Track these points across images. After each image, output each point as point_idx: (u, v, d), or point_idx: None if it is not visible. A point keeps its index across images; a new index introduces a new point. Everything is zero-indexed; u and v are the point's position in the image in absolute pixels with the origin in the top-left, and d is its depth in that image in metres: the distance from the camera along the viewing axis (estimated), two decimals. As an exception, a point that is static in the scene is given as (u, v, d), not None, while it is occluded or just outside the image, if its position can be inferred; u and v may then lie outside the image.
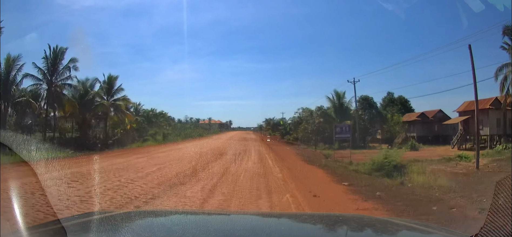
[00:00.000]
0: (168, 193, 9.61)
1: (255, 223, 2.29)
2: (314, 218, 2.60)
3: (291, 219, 2.69)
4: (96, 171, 13.20)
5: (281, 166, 17.07)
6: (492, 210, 1.29)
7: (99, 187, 9.86)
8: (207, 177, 12.44)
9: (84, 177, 11.13)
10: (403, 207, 8.69)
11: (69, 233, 1.63)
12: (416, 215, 7.77)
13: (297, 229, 2.16)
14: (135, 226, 2.03)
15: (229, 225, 2.21)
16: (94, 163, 15.68)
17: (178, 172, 13.21)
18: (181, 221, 2.33)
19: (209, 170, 14.49)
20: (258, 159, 20.20)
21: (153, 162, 16.76)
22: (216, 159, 18.96)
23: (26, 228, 1.72)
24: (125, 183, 10.77)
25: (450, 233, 1.84)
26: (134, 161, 17.23)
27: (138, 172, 13.24)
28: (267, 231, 2.06)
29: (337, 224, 2.30)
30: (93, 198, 8.68)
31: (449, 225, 6.47)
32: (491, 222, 1.28)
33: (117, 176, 11.93)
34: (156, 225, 2.15)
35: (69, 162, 14.84)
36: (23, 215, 2.00)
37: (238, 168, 15.64)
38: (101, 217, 2.16)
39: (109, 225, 1.92)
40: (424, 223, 2.34)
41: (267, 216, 3.14)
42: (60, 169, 11.30)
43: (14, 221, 1.85)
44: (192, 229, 2.02)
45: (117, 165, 14.87)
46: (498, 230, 1.25)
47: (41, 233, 1.74)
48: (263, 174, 13.81)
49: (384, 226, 2.17)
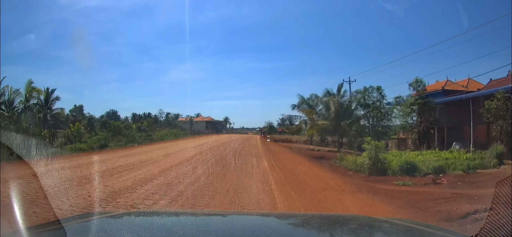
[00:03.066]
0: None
1: (255, 223, 2.29)
2: (314, 219, 2.60)
3: (291, 219, 2.69)
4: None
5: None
6: (492, 210, 1.30)
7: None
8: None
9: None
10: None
11: (69, 233, 1.63)
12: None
13: (297, 229, 2.16)
14: (135, 226, 2.03)
15: (229, 225, 2.21)
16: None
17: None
18: (181, 221, 2.34)
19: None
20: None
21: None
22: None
23: (26, 228, 1.72)
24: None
25: (450, 233, 1.85)
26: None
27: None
28: (267, 232, 2.06)
29: (337, 224, 2.30)
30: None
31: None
32: (491, 222, 1.28)
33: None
34: (156, 225, 2.15)
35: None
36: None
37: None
38: (101, 217, 2.17)
39: (109, 225, 1.93)
40: (424, 223, 2.34)
41: (267, 216, 3.14)
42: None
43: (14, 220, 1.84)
44: (192, 229, 2.02)
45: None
46: (498, 230, 1.25)
47: (41, 233, 1.75)
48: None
49: (384, 226, 2.17)
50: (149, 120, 42.04)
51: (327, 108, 25.23)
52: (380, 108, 24.41)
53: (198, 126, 46.50)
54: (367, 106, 24.67)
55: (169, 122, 44.29)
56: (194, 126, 46.46)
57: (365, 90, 24.88)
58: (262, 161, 17.60)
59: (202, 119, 47.43)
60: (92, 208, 7.39)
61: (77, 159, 16.46)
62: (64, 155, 19.78)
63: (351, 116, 24.54)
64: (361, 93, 24.92)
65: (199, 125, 46.78)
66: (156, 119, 43.23)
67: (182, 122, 45.59)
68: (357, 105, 25.28)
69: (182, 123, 45.47)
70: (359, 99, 24.79)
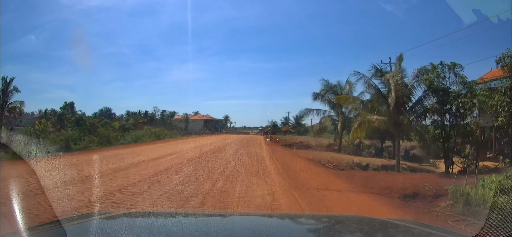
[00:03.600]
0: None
1: (255, 223, 2.30)
2: (314, 219, 2.62)
3: (291, 220, 2.70)
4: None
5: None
6: (492, 210, 1.31)
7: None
8: None
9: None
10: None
11: (69, 233, 1.63)
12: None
13: (297, 230, 2.17)
14: (135, 227, 2.03)
15: (229, 226, 2.22)
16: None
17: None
18: (181, 221, 2.34)
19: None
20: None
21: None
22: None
23: (26, 228, 1.71)
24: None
25: (450, 233, 1.87)
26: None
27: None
28: (267, 232, 2.06)
29: (337, 224, 2.32)
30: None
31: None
32: (491, 222, 1.30)
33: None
34: (156, 225, 2.15)
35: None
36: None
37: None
38: (101, 217, 2.16)
39: (109, 226, 1.93)
40: (424, 224, 2.37)
41: (267, 216, 3.15)
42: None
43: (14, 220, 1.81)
44: (192, 229, 2.02)
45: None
46: (498, 230, 1.27)
47: (41, 233, 1.74)
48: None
49: (384, 227, 2.18)
50: (136, 118, 39.61)
51: (379, 95, 16.74)
52: (468, 96, 14.32)
53: (195, 125, 43.58)
54: (445, 93, 14.97)
55: (164, 120, 42.32)
56: (191, 125, 43.69)
57: (434, 68, 15.28)
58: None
59: (200, 117, 44.25)
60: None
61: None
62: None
63: (417, 108, 15.96)
64: (428, 72, 15.55)
65: (196, 124, 43.70)
66: (152, 117, 41.65)
67: (178, 120, 43.41)
68: (427, 91, 15.53)
69: (177, 122, 43.25)
70: (431, 80, 15.12)
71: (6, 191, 8.25)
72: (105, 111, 43.54)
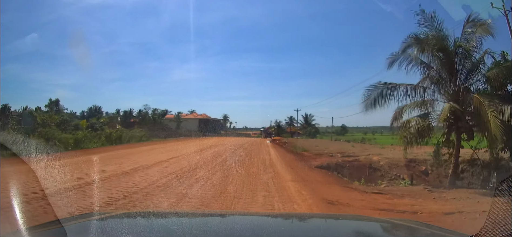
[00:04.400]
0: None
1: (255, 223, 2.30)
2: (314, 218, 2.64)
3: (291, 220, 2.72)
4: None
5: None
6: (492, 210, 1.34)
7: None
8: None
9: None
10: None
11: (69, 233, 1.62)
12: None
13: (297, 230, 2.18)
14: (135, 226, 2.02)
15: (229, 226, 2.22)
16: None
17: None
18: (181, 221, 2.33)
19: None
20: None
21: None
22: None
23: (26, 228, 1.69)
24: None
25: (450, 233, 1.91)
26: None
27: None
28: (267, 232, 2.07)
29: (337, 224, 2.34)
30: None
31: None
32: (491, 222, 1.32)
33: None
34: (156, 225, 2.15)
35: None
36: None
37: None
38: (101, 217, 2.15)
39: (109, 225, 1.92)
40: (424, 223, 2.41)
41: (267, 216, 3.17)
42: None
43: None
44: (192, 229, 2.02)
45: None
46: (498, 230, 1.29)
47: (41, 233, 1.72)
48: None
49: (384, 226, 2.21)
50: (111, 116, 36.55)
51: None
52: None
53: (188, 125, 38.91)
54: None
55: (154, 119, 39.24)
56: (183, 125, 39.44)
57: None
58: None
59: (195, 116, 39.98)
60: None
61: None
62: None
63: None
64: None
65: (189, 123, 39.01)
66: (144, 115, 38.96)
67: (168, 120, 40.18)
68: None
69: (167, 121, 39.87)
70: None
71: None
72: (94, 110, 42.76)
